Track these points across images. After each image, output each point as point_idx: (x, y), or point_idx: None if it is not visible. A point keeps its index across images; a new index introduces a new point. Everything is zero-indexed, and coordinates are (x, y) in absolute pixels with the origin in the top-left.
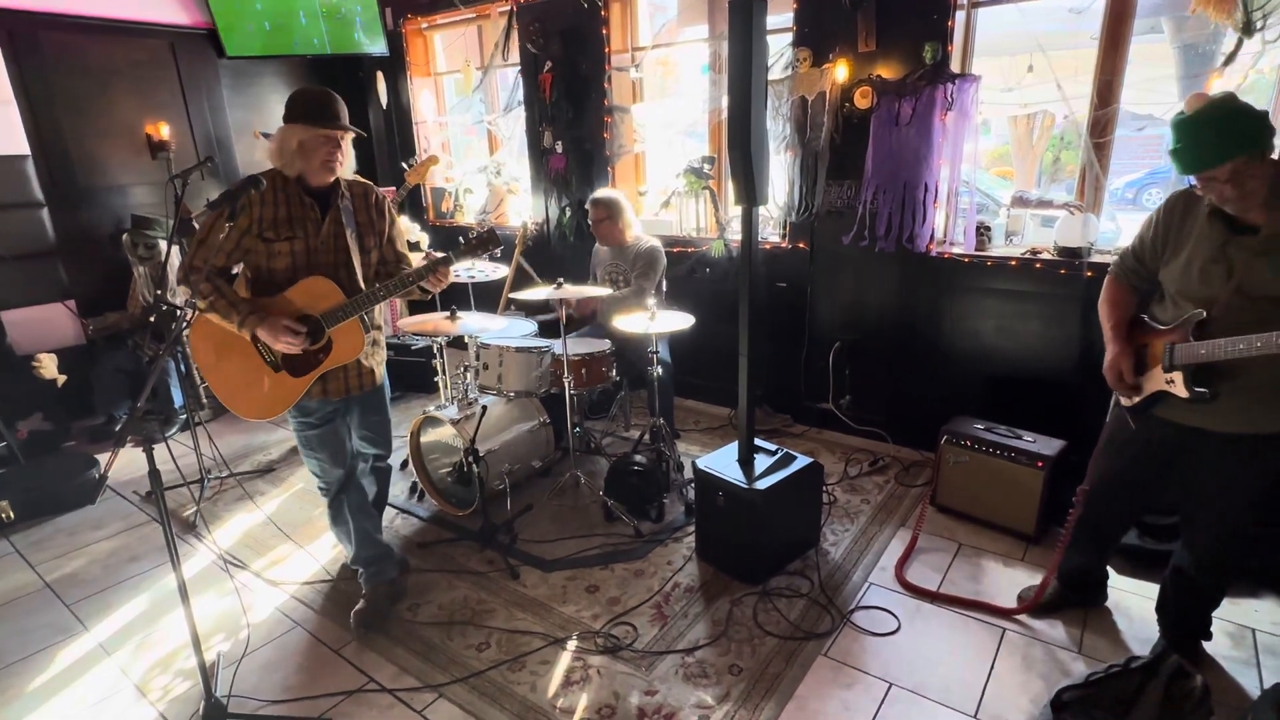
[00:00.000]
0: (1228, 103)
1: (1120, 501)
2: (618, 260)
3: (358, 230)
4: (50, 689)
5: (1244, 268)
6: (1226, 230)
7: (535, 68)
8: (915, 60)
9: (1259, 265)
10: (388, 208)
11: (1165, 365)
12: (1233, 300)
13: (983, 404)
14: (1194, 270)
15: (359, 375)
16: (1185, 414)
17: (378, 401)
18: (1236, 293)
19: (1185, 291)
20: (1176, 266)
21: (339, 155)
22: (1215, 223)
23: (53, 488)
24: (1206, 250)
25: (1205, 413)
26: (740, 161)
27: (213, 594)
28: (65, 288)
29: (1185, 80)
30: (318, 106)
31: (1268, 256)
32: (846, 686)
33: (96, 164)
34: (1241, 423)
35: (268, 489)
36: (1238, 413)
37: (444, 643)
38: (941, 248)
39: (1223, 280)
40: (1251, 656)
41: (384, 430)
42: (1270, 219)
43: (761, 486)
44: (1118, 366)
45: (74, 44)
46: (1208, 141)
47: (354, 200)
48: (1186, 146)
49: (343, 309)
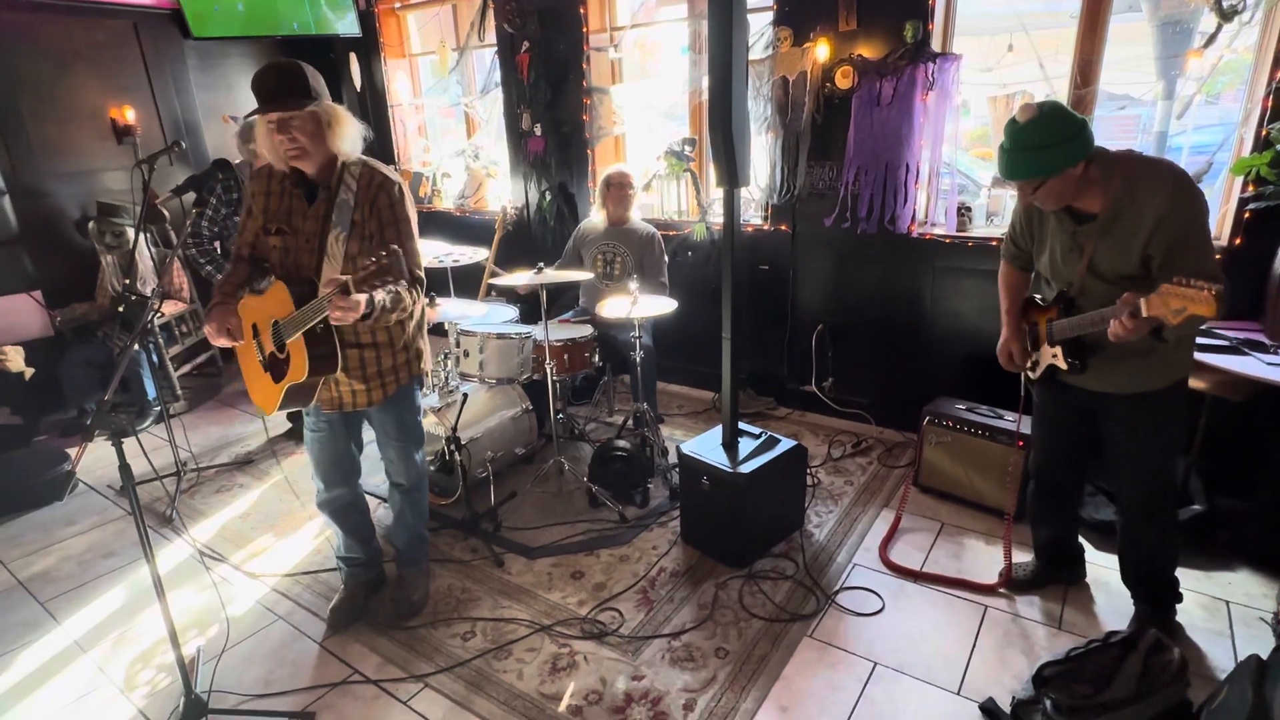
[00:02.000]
0: (1049, 123)
1: (1059, 466)
2: (615, 240)
3: (350, 229)
4: (26, 687)
5: (1092, 251)
6: (1072, 221)
7: (512, 48)
8: (896, 39)
9: (1103, 247)
10: (392, 204)
11: (1050, 341)
12: (1087, 280)
13: (965, 384)
14: (1057, 257)
15: (351, 393)
16: (1087, 380)
17: (384, 422)
18: (1089, 272)
19: (1053, 276)
20: (1044, 256)
21: (291, 142)
22: (1061, 217)
23: (23, 483)
24: (1062, 240)
25: (1093, 378)
26: (721, 143)
27: (191, 588)
28: (31, 278)
29: (1163, 60)
30: (258, 87)
31: (1110, 237)
32: (832, 666)
33: (60, 149)
34: (1131, 383)
35: (247, 481)
36: (1116, 375)
37: (429, 632)
38: (923, 229)
39: (1078, 264)
40: (1226, 628)
41: (397, 456)
42: (1103, 206)
43: (746, 470)
44: (1008, 349)
45: (30, 24)
46: (1023, 158)
47: (358, 193)
48: (1009, 151)
49: (286, 323)
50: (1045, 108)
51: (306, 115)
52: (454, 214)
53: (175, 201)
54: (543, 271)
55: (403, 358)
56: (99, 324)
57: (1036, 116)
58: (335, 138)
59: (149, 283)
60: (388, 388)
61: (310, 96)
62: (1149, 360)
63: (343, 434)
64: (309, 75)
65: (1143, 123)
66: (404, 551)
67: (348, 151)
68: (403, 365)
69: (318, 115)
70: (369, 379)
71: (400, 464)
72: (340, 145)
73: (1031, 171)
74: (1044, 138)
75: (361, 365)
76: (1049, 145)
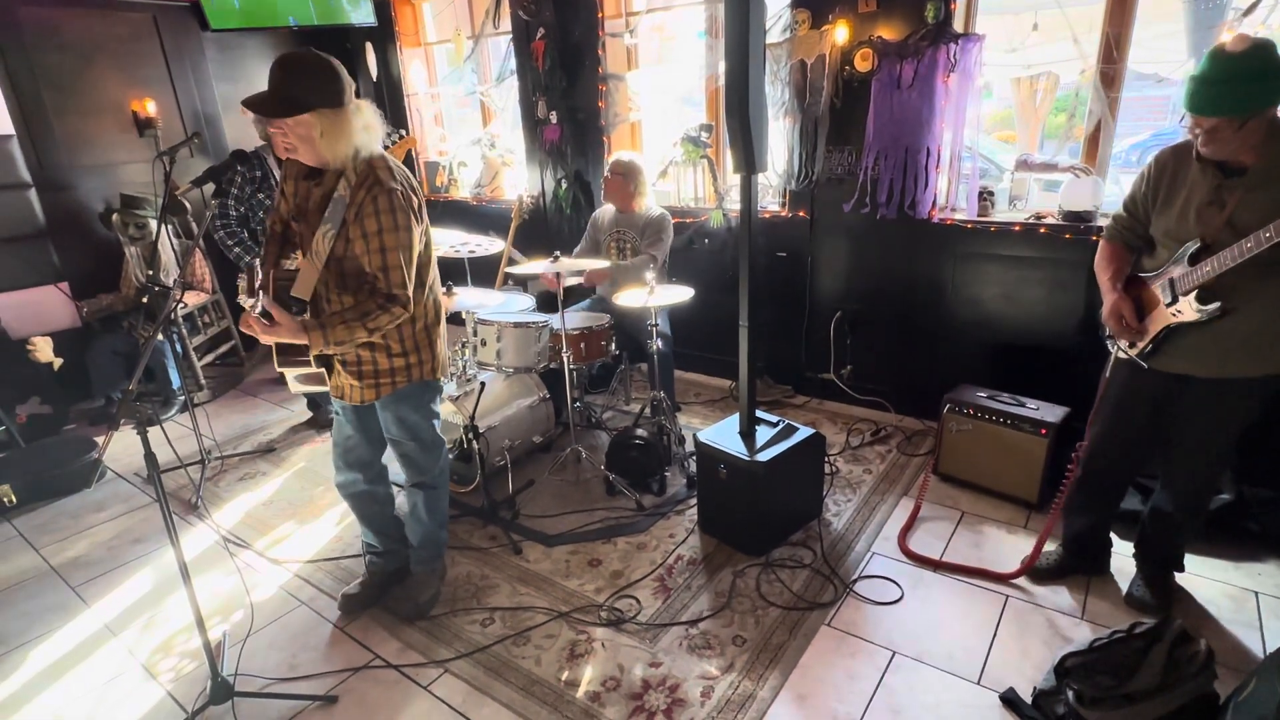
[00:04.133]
0: (1266, 54)
1: (1118, 458)
2: (625, 226)
3: (340, 228)
4: (57, 670)
5: (1238, 204)
6: (1219, 174)
7: (528, 35)
8: (917, 20)
9: (1250, 200)
10: (377, 213)
11: (1168, 300)
12: (1224, 234)
13: (986, 372)
14: (1190, 213)
15: (350, 386)
16: (1174, 362)
17: (385, 419)
18: (1228, 226)
19: (1177, 234)
20: (1170, 214)
21: (284, 139)
22: (1208, 170)
23: (54, 471)
24: (1201, 195)
25: (1195, 359)
26: (738, 129)
27: (216, 574)
28: (57, 270)
29: (1195, 33)
30: (268, 80)
31: (1259, 191)
32: (850, 655)
33: (83, 142)
34: (1223, 367)
35: (269, 469)
36: (1222, 358)
37: (448, 618)
38: (944, 214)
39: (1217, 217)
40: (1255, 619)
41: (398, 454)
42: (1259, 158)
43: (763, 458)
44: (1118, 310)
45: (53, 19)
46: (1232, 90)
47: (353, 191)
48: (1216, 83)
49: None
50: (1258, 39)
51: (294, 123)
52: (470, 203)
53: (196, 192)
54: (559, 260)
55: (400, 362)
56: (124, 314)
57: (1252, 45)
58: (325, 147)
59: (172, 273)
60: (382, 389)
61: (303, 106)
62: (1251, 344)
63: (353, 421)
64: (311, 80)
65: (1173, 103)
66: (416, 548)
67: (341, 160)
68: (401, 370)
69: (309, 123)
70: (364, 376)
71: (402, 461)
72: (332, 154)
73: (1243, 104)
74: (1260, 67)
75: (358, 363)
76: (1262, 78)
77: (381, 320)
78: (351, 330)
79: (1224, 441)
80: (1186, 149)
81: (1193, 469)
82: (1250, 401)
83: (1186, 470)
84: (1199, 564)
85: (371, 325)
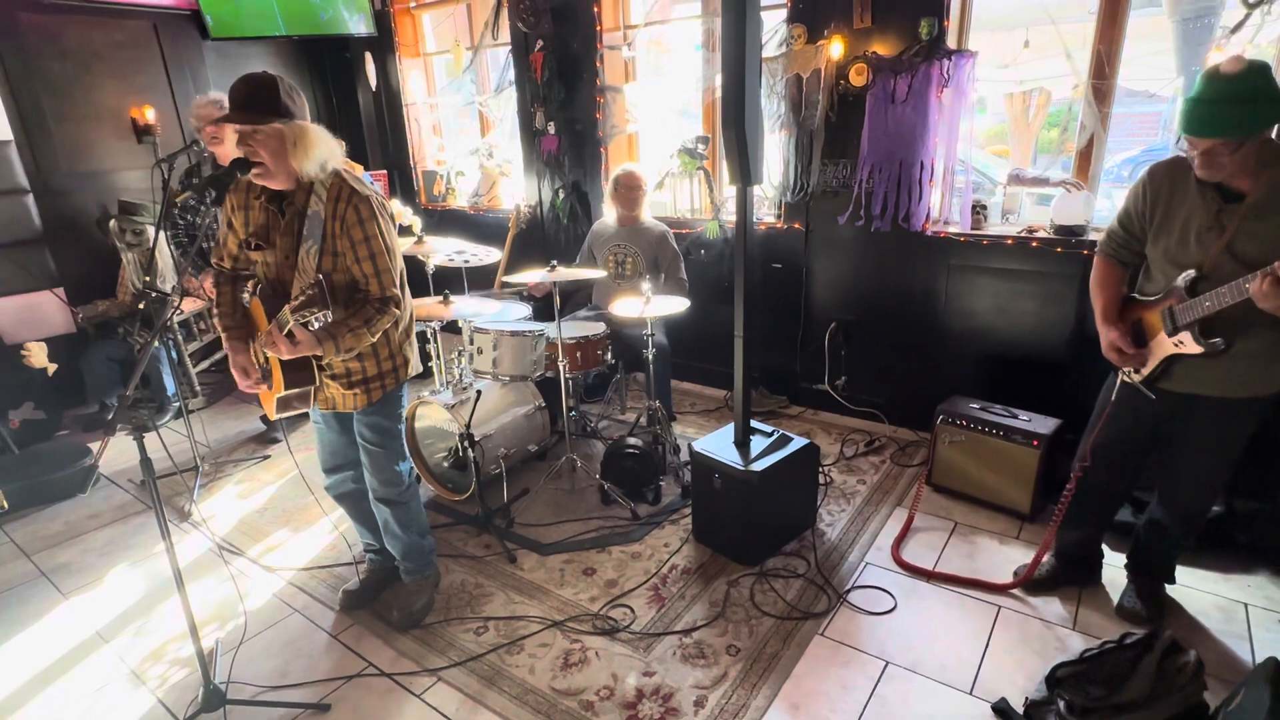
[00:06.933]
0: (1260, 76)
1: (1115, 472)
2: (626, 240)
3: (322, 242)
4: (47, 677)
5: (1236, 231)
6: (1219, 199)
7: (526, 47)
8: (911, 36)
9: (1250, 229)
10: (361, 221)
11: (1169, 330)
12: (1222, 260)
13: (979, 383)
14: (1190, 237)
15: (341, 396)
16: (1181, 382)
17: (361, 427)
18: (1225, 252)
19: (1177, 258)
20: (1169, 235)
21: (252, 156)
22: (1207, 191)
23: (47, 476)
24: (1201, 218)
25: (1202, 379)
26: (734, 141)
27: (210, 581)
28: (54, 276)
29: (1184, 52)
30: (231, 95)
31: (1259, 221)
32: (844, 665)
33: (81, 149)
34: (1232, 387)
35: (263, 476)
36: (1229, 379)
37: (442, 627)
38: (937, 227)
39: (1215, 243)
40: (1244, 631)
41: (370, 461)
42: (1255, 185)
43: (758, 468)
44: (1115, 346)
45: (54, 26)
46: (1228, 111)
47: (327, 204)
48: (1211, 104)
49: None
50: (1253, 62)
51: (270, 130)
52: (468, 212)
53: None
54: (556, 269)
55: (388, 365)
56: (120, 320)
57: (1247, 68)
58: (298, 157)
59: (168, 280)
60: (373, 394)
61: (278, 114)
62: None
63: (337, 428)
64: (282, 92)
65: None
66: (401, 560)
67: (311, 172)
68: (389, 372)
69: (282, 132)
70: (354, 385)
71: (373, 469)
72: (303, 165)
73: (1237, 127)
74: (1254, 91)
75: (347, 374)
76: (1256, 100)
77: (383, 322)
78: (359, 336)
79: (1228, 458)
80: (1182, 167)
81: (1196, 485)
82: (1252, 418)
83: (1189, 486)
84: (1190, 575)
85: (375, 329)
